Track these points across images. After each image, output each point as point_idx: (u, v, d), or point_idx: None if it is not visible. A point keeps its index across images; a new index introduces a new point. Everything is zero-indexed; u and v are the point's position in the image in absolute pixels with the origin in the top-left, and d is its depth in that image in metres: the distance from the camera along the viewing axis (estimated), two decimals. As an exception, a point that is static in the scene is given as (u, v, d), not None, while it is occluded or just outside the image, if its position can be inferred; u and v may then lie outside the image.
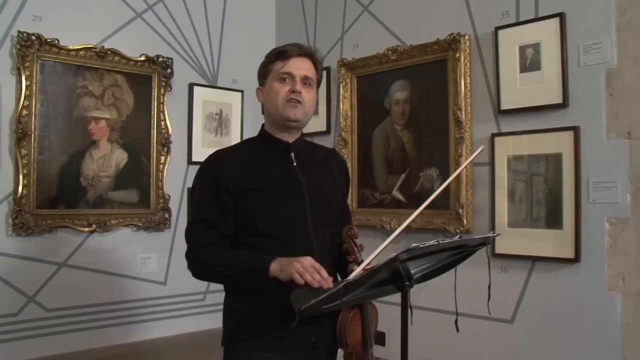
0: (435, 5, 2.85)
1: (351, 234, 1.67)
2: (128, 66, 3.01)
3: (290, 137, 1.70)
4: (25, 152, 2.64)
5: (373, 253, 1.40)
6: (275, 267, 1.46)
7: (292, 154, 1.69)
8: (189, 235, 1.66)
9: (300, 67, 1.65)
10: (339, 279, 1.72)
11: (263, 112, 1.75)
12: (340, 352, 1.73)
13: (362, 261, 1.59)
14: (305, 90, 1.66)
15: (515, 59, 2.50)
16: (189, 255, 1.64)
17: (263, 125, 1.76)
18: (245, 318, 1.62)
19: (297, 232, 1.61)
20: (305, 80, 1.66)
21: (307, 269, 1.39)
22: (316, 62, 1.71)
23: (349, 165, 3.17)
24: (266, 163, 1.68)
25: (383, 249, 1.37)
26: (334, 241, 1.71)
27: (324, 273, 1.40)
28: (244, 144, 1.84)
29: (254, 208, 1.61)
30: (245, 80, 3.45)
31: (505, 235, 2.44)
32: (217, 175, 1.62)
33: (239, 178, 1.62)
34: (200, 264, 1.62)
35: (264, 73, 1.71)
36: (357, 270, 1.40)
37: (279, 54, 1.67)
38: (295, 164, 1.68)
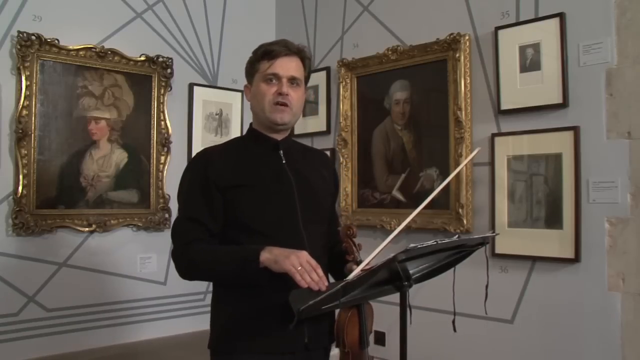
0: (435, 5, 2.85)
1: (350, 234, 1.67)
2: (128, 66, 3.01)
3: (278, 136, 1.69)
4: (25, 152, 2.64)
5: (372, 253, 1.39)
6: (268, 257, 1.43)
7: (281, 152, 1.68)
8: (175, 233, 1.63)
9: (286, 67, 1.63)
10: (331, 278, 1.72)
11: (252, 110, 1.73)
12: (332, 352, 1.73)
13: (361, 261, 1.58)
14: (293, 90, 1.63)
15: (515, 59, 2.49)
16: (175, 254, 1.62)
17: (251, 123, 1.75)
18: (235, 320, 1.58)
19: (287, 230, 1.59)
20: (292, 80, 1.64)
21: (305, 267, 1.37)
22: (304, 59, 1.68)
23: (349, 165, 3.18)
24: (255, 161, 1.66)
25: (382, 249, 1.37)
26: (324, 240, 1.70)
27: (320, 271, 1.39)
28: (233, 142, 1.80)
29: (243, 205, 1.58)
30: (245, 80, 3.44)
31: (505, 235, 2.44)
32: (205, 172, 1.60)
33: (227, 175, 1.60)
34: (188, 262, 1.59)
35: (250, 71, 1.70)
36: (356, 271, 1.40)
37: (265, 54, 1.65)
38: (284, 161, 1.67)
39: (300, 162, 1.72)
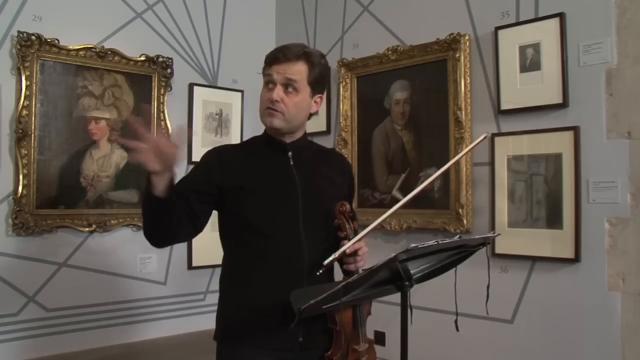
0: (435, 5, 2.85)
1: (343, 210, 1.65)
2: (128, 66, 3.01)
3: (288, 138, 1.70)
4: (25, 152, 2.64)
5: (364, 230, 1.48)
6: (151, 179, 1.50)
7: (290, 154, 1.69)
8: None
9: (281, 71, 1.62)
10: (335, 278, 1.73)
11: None
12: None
13: (352, 238, 1.60)
14: (288, 96, 1.62)
15: (515, 59, 2.49)
16: None
17: None
18: (238, 315, 1.63)
19: (287, 231, 1.62)
20: (287, 85, 1.62)
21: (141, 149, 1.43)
22: (309, 62, 1.65)
23: (349, 165, 3.18)
24: (263, 162, 1.68)
25: (375, 225, 1.43)
26: (327, 243, 1.68)
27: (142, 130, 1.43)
28: (246, 142, 1.85)
29: (247, 206, 1.62)
30: (245, 80, 3.45)
31: (505, 235, 2.44)
32: (209, 170, 1.66)
33: (233, 175, 1.64)
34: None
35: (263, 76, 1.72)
36: (348, 245, 1.48)
37: (266, 58, 1.67)
38: (292, 163, 1.68)
39: (310, 165, 1.72)
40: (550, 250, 2.36)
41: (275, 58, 1.64)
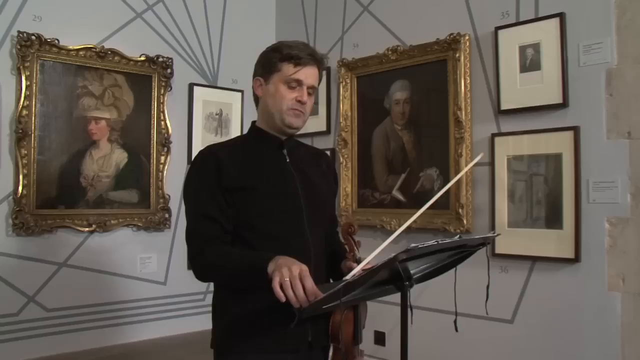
0: (435, 5, 2.85)
1: (351, 231, 1.69)
2: (128, 66, 3.01)
3: (283, 135, 1.70)
4: (25, 152, 2.64)
5: (372, 253, 1.39)
6: (271, 267, 1.38)
7: (285, 151, 1.68)
8: (192, 234, 1.59)
9: (311, 75, 1.63)
10: (331, 280, 1.72)
11: (257, 106, 1.71)
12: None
13: (359, 258, 1.60)
14: (309, 98, 1.66)
15: (515, 59, 2.50)
16: (192, 256, 1.57)
17: (253, 122, 1.73)
18: (238, 319, 1.58)
19: (293, 230, 1.60)
20: (311, 89, 1.65)
21: (292, 280, 1.30)
22: (321, 68, 1.70)
23: (349, 165, 3.18)
24: (260, 160, 1.65)
25: (381, 250, 1.37)
26: (327, 240, 1.71)
27: (309, 285, 1.30)
28: (236, 140, 1.82)
29: (250, 206, 1.58)
30: (245, 80, 3.41)
31: (505, 235, 2.44)
32: (215, 172, 1.58)
33: (235, 176, 1.58)
34: (205, 264, 1.56)
35: (268, 68, 1.65)
36: (357, 269, 1.39)
37: (291, 57, 1.61)
38: (288, 160, 1.67)
39: (304, 162, 1.72)
40: (550, 250, 2.36)
41: (307, 61, 1.62)
